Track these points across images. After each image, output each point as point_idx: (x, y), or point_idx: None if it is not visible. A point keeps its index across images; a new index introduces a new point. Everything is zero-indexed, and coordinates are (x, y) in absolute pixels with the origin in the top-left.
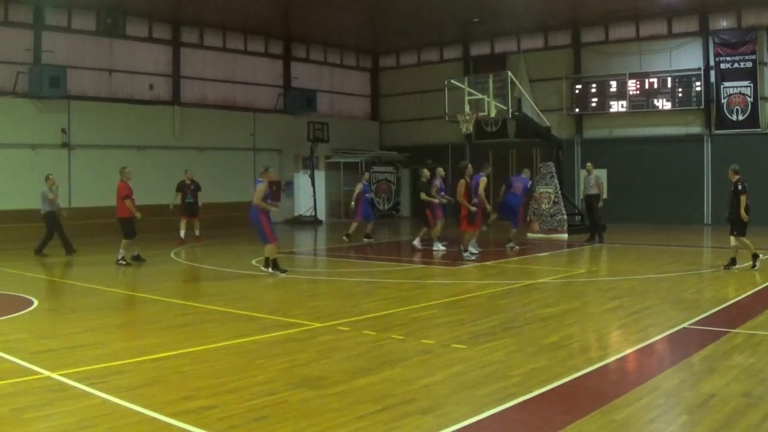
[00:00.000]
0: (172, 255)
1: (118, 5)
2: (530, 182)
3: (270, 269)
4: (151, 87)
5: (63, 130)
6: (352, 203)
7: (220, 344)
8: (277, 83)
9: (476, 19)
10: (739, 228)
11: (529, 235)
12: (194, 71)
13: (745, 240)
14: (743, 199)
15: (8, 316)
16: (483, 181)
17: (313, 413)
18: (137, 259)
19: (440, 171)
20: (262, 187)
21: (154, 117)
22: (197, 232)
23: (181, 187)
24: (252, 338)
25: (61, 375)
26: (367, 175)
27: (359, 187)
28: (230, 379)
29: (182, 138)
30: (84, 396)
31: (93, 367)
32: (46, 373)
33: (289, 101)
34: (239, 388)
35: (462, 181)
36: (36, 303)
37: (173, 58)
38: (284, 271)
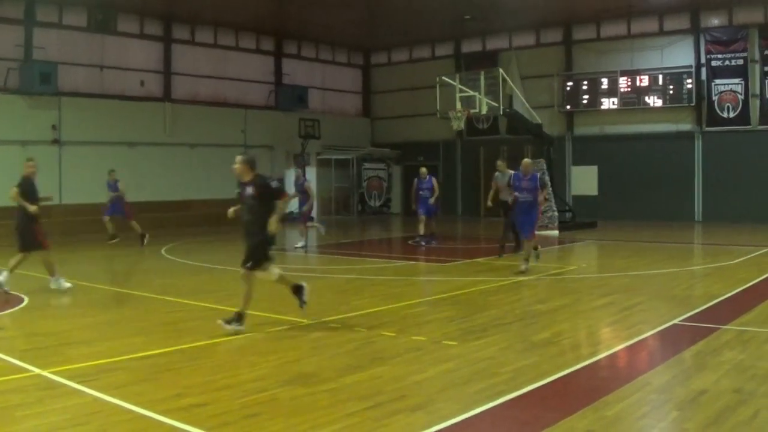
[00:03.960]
0: (162, 252)
1: (109, 1)
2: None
3: None
4: (142, 83)
5: (53, 127)
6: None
7: (210, 341)
8: (269, 80)
9: (468, 16)
10: (264, 254)
11: None
12: (185, 67)
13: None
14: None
15: None
16: None
17: (303, 410)
18: None
19: (423, 171)
20: None
21: (145, 113)
22: None
23: None
24: (243, 335)
25: (51, 373)
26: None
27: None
28: (221, 377)
29: (173, 134)
30: (75, 394)
31: (84, 364)
32: (37, 370)
33: (280, 98)
34: (230, 385)
35: None
36: (26, 300)
37: (164, 54)
38: None
